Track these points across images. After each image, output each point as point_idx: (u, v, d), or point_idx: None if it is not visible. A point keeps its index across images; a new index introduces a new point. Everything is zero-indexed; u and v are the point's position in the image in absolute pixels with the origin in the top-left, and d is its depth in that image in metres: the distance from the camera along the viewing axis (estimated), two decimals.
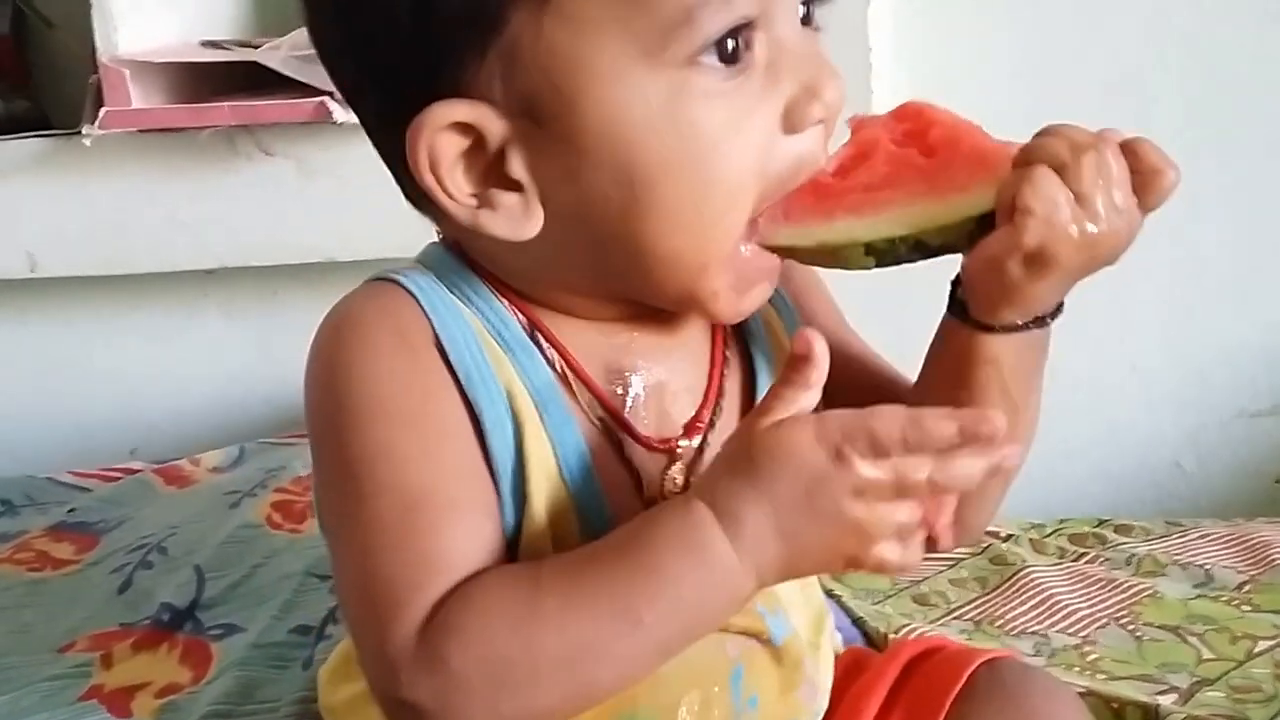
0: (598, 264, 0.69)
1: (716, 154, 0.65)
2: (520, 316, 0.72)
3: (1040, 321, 0.73)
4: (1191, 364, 1.50)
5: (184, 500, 1.32)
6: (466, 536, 0.66)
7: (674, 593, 0.63)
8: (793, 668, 0.77)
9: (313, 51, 1.19)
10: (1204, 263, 1.47)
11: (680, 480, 0.73)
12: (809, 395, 0.64)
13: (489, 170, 0.67)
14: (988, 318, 0.72)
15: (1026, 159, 0.68)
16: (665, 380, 0.74)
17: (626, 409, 0.73)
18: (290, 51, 1.34)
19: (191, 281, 1.57)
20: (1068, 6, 1.44)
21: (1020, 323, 0.72)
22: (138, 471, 1.42)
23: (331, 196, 1.42)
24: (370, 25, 0.66)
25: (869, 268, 0.71)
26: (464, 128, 0.65)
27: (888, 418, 0.62)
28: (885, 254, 0.70)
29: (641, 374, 0.73)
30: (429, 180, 0.66)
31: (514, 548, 0.69)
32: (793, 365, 0.64)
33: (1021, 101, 1.44)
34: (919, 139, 0.71)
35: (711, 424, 0.75)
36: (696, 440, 0.74)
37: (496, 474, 0.69)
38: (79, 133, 1.38)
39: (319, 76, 1.31)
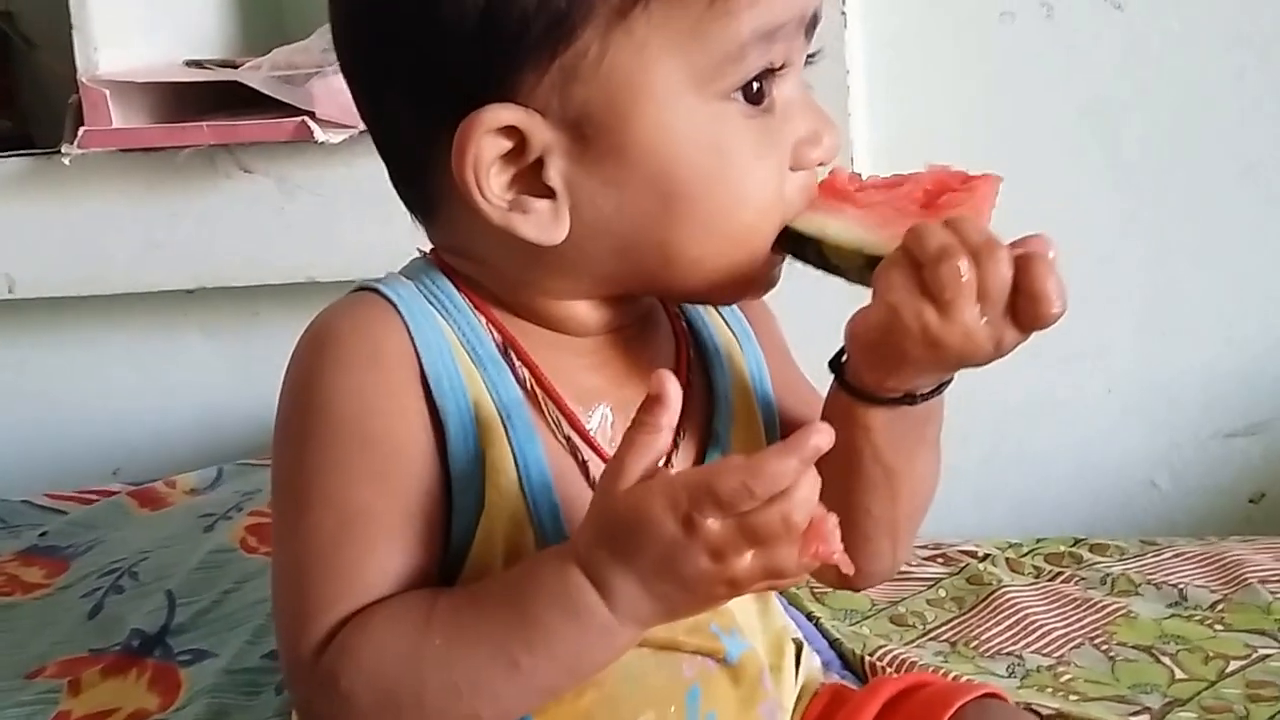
0: (616, 268, 0.72)
1: (745, 174, 0.70)
2: (495, 333, 0.74)
3: (911, 399, 0.73)
4: (1166, 385, 1.50)
5: (157, 523, 1.32)
6: (393, 561, 0.69)
7: (551, 644, 0.65)
8: (751, 686, 0.78)
9: (293, 71, 1.20)
10: (1178, 285, 1.48)
11: None
12: (661, 438, 0.65)
13: (524, 175, 0.69)
14: (858, 385, 0.73)
15: (905, 243, 0.69)
16: (633, 401, 0.74)
17: (594, 429, 0.75)
18: (271, 71, 1.35)
19: (172, 301, 1.57)
20: (1041, 34, 1.45)
21: (889, 397, 0.73)
22: (114, 494, 1.41)
23: (312, 216, 1.42)
24: (432, 23, 0.68)
25: (781, 254, 0.74)
26: (510, 132, 0.68)
27: (727, 473, 0.61)
28: (796, 247, 0.74)
29: (610, 396, 0.75)
30: (470, 178, 0.68)
31: (464, 557, 0.71)
32: (645, 407, 0.65)
33: (996, 128, 1.47)
34: (939, 194, 0.75)
35: (676, 445, 0.76)
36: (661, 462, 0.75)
37: (454, 483, 0.71)
38: (58, 152, 1.39)
39: (300, 96, 1.32)
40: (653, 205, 0.69)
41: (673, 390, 0.64)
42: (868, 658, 1.09)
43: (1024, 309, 0.68)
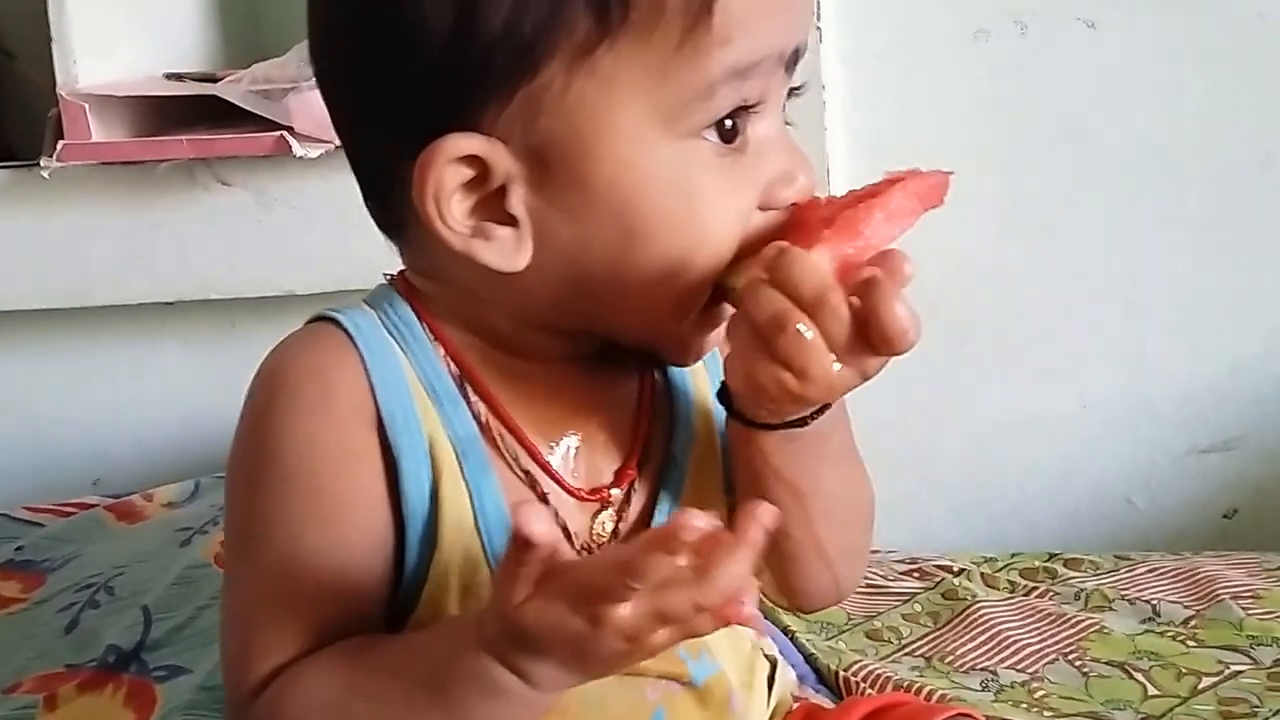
0: (572, 299, 0.71)
1: (709, 216, 0.69)
2: (453, 367, 0.73)
3: (799, 422, 0.71)
4: (1142, 401, 1.51)
5: (134, 537, 1.31)
6: (332, 610, 0.70)
7: (459, 706, 0.65)
8: (718, 708, 0.78)
9: (272, 86, 1.20)
10: (1154, 302, 1.49)
11: (610, 526, 0.75)
12: (535, 571, 0.63)
13: (486, 202, 0.69)
14: (743, 413, 0.72)
15: (743, 308, 0.68)
16: (596, 430, 0.75)
17: (557, 461, 0.74)
18: (251, 85, 1.35)
19: (150, 314, 1.57)
20: (1015, 51, 1.46)
21: (773, 422, 0.71)
22: (91, 507, 1.41)
23: (290, 230, 1.42)
24: (399, 51, 0.68)
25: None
26: (472, 160, 0.67)
27: (605, 571, 0.59)
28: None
29: (574, 424, 0.75)
30: (430, 207, 0.68)
31: (418, 594, 0.72)
32: (514, 544, 0.61)
33: (971, 144, 1.48)
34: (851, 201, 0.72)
35: (640, 471, 0.76)
36: (625, 488, 0.76)
37: (407, 520, 0.71)
38: (37, 164, 1.39)
39: (278, 111, 1.32)
40: (613, 239, 0.68)
41: (539, 529, 0.59)
42: (843, 673, 1.10)
43: (877, 343, 0.65)
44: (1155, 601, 1.24)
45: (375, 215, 0.75)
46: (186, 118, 1.46)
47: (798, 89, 0.75)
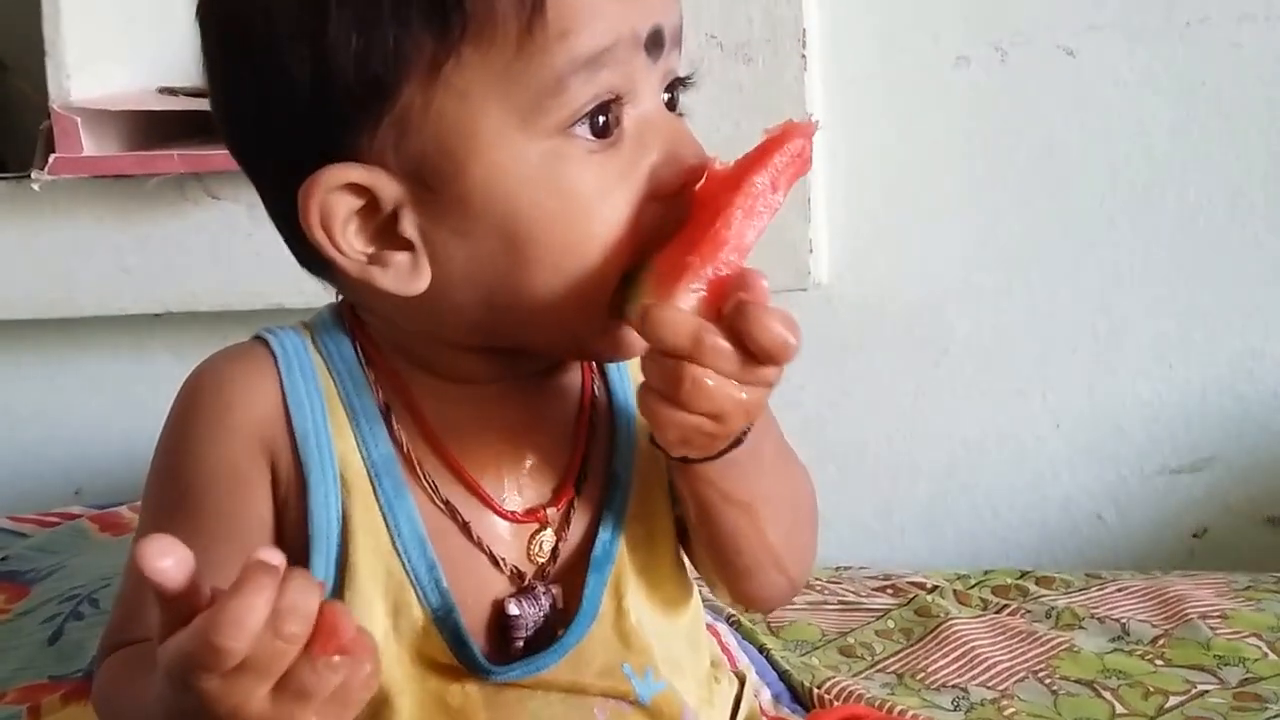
0: (485, 318, 0.72)
1: (589, 213, 0.69)
2: (378, 390, 0.75)
3: (733, 444, 0.72)
4: (1112, 421, 1.53)
5: (118, 548, 1.30)
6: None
7: None
8: None
9: None
10: (1126, 325, 1.51)
11: (549, 547, 0.77)
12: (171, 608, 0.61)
13: (382, 230, 0.70)
14: (665, 452, 0.73)
15: (645, 377, 0.69)
16: (532, 451, 0.77)
17: (489, 483, 0.76)
18: None
19: (140, 325, 1.58)
20: (995, 78, 1.48)
21: (709, 455, 0.72)
22: (75, 517, 1.41)
23: (280, 243, 1.42)
24: (269, 91, 0.69)
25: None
26: (358, 189, 0.69)
27: (193, 638, 0.58)
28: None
29: (509, 448, 0.77)
30: (320, 236, 0.69)
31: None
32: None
33: (951, 169, 1.50)
34: (721, 193, 0.71)
35: (579, 490, 0.78)
36: (563, 507, 0.77)
37: (313, 537, 0.73)
38: (29, 177, 1.40)
39: None
40: (500, 250, 0.69)
41: (160, 564, 0.58)
42: (816, 690, 1.11)
43: (764, 359, 0.67)
44: (1125, 620, 1.25)
45: (296, 255, 0.77)
46: (178, 131, 1.46)
47: (684, 80, 0.75)
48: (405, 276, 0.70)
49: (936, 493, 1.56)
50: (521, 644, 0.75)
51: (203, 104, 1.37)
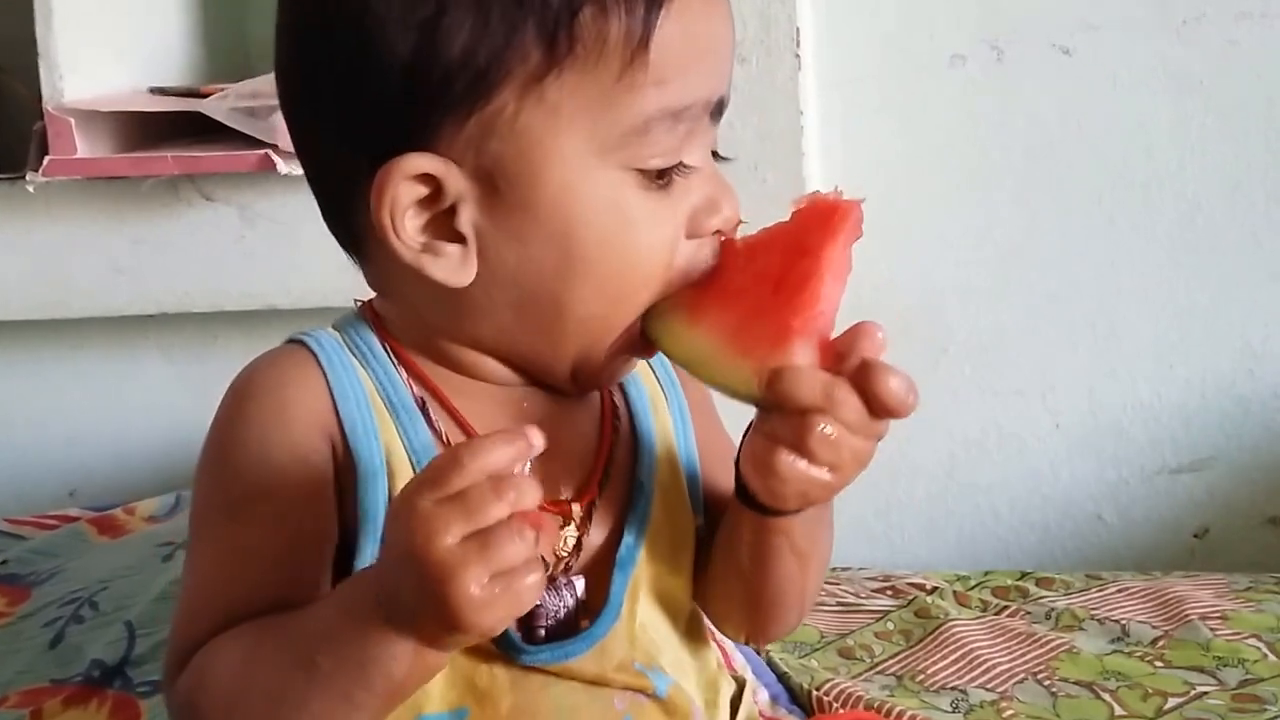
0: (513, 322, 0.75)
1: (640, 241, 0.74)
2: (414, 385, 0.78)
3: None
4: (1113, 421, 1.52)
5: (117, 551, 1.31)
6: (262, 595, 0.73)
7: (338, 644, 0.67)
8: (683, 718, 0.80)
9: (259, 102, 1.22)
10: (1125, 324, 1.50)
11: (573, 541, 0.79)
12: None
13: (437, 220, 0.73)
14: (769, 504, 0.76)
15: (771, 434, 0.72)
16: (555, 450, 0.76)
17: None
18: (236, 101, 1.36)
19: (132, 326, 1.58)
20: (991, 77, 1.48)
21: (798, 508, 0.76)
22: (73, 519, 1.41)
23: (273, 245, 1.43)
24: (362, 67, 0.72)
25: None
26: (427, 179, 0.72)
27: (447, 453, 0.65)
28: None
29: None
30: (385, 219, 0.72)
31: None
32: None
33: (946, 168, 1.49)
34: (785, 261, 0.75)
35: (601, 489, 0.80)
36: (586, 506, 0.79)
37: (363, 522, 0.75)
38: (22, 178, 1.39)
39: (262, 129, 1.33)
40: (553, 260, 0.73)
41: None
42: (815, 692, 1.11)
43: (883, 414, 0.71)
44: (1125, 621, 1.25)
45: (335, 232, 0.79)
46: (170, 132, 1.46)
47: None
48: (455, 268, 0.73)
49: (936, 493, 1.56)
50: (543, 632, 0.77)
51: (193, 104, 1.39)
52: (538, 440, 0.65)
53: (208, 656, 0.72)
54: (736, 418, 0.79)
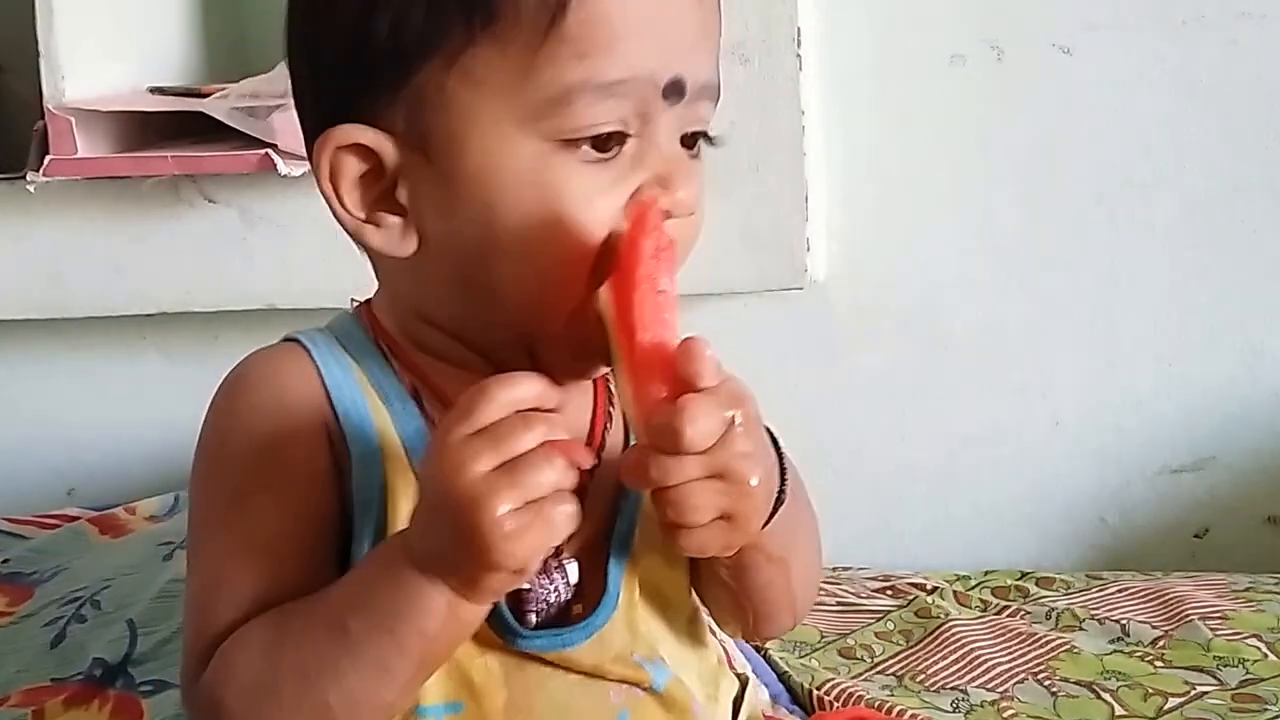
0: (457, 298, 0.76)
1: (565, 214, 0.72)
2: (405, 377, 0.78)
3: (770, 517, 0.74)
4: (1113, 420, 1.53)
5: (118, 551, 1.32)
6: (281, 587, 0.73)
7: (371, 604, 0.68)
8: (681, 713, 0.80)
9: (259, 102, 1.24)
10: (1126, 323, 1.51)
11: None
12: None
13: (383, 195, 0.74)
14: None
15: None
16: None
17: None
18: (237, 101, 1.36)
19: (132, 326, 1.58)
20: (991, 77, 1.48)
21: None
22: (74, 519, 1.41)
23: (272, 245, 1.44)
24: (318, 43, 0.75)
25: None
26: (366, 153, 0.73)
27: (476, 388, 0.66)
28: None
29: None
30: (326, 188, 0.74)
31: None
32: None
33: (947, 167, 1.50)
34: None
35: (592, 474, 0.77)
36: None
37: (357, 508, 0.75)
38: (23, 177, 1.40)
39: (262, 129, 1.33)
40: (477, 233, 0.73)
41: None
42: (816, 691, 1.11)
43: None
44: (1125, 621, 1.25)
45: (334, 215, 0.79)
46: (171, 131, 1.47)
47: (708, 137, 0.77)
48: (395, 240, 0.74)
49: (935, 493, 1.56)
50: (534, 617, 0.76)
51: (194, 103, 1.39)
52: (555, 396, 0.67)
53: (230, 647, 0.71)
54: None
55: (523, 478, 0.64)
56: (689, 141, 0.76)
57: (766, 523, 0.74)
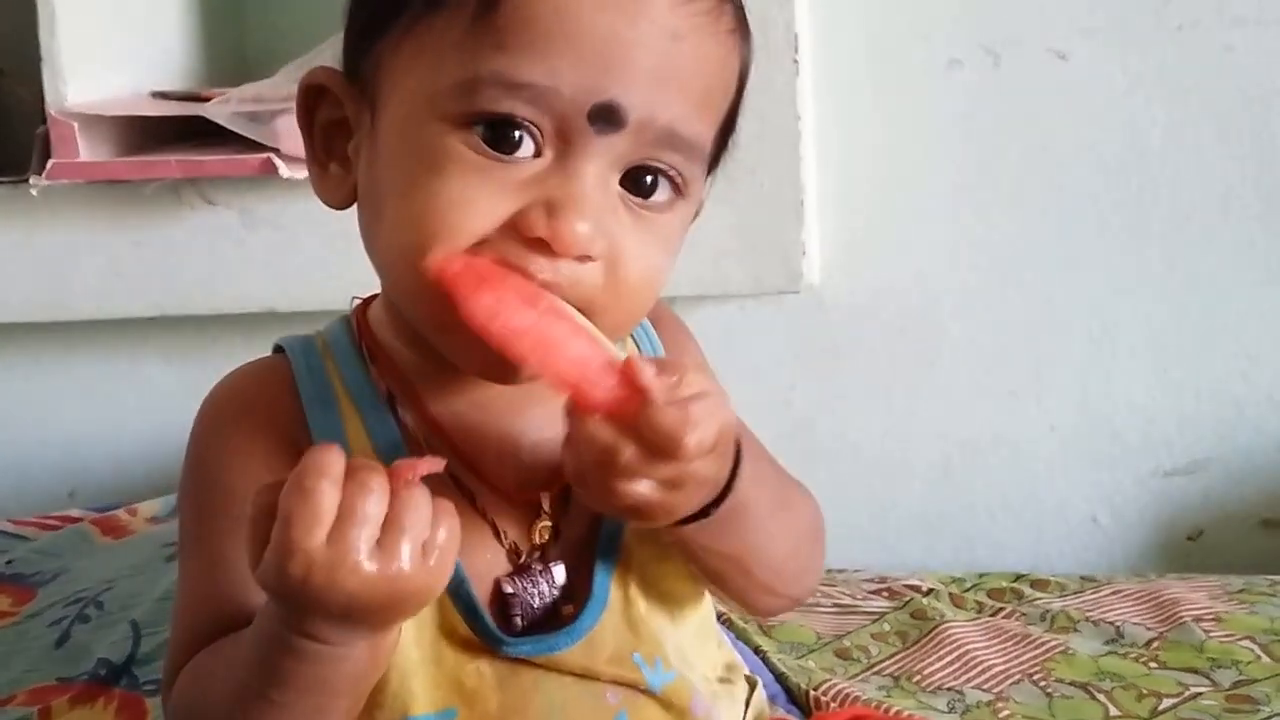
0: (377, 268, 0.76)
1: (440, 194, 0.69)
2: (381, 385, 0.78)
3: (703, 513, 0.73)
4: (1108, 424, 1.53)
5: (121, 552, 1.32)
6: (240, 604, 0.74)
7: (292, 680, 0.68)
8: (680, 714, 0.80)
9: (260, 107, 1.26)
10: (1120, 327, 1.51)
11: (549, 533, 0.78)
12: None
13: (340, 145, 0.77)
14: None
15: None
16: (524, 434, 0.78)
17: (489, 463, 0.78)
18: (238, 106, 1.36)
19: (133, 328, 1.59)
20: (988, 82, 1.49)
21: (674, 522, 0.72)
22: (76, 520, 1.42)
23: (273, 249, 1.44)
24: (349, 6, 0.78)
25: None
26: (337, 102, 0.76)
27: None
28: None
29: (504, 431, 0.78)
30: (300, 124, 0.78)
31: None
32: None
33: (944, 173, 1.50)
34: None
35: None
36: (558, 492, 0.79)
37: None
38: (25, 181, 1.40)
39: (264, 133, 1.34)
40: (371, 193, 0.74)
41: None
42: (812, 691, 1.11)
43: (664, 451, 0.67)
44: (1119, 623, 1.25)
45: None
46: (172, 135, 1.47)
47: (677, 188, 0.73)
48: (332, 187, 0.77)
49: (931, 495, 1.56)
50: (520, 621, 0.77)
51: (195, 108, 1.39)
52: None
53: (184, 678, 0.74)
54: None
55: (350, 526, 0.63)
56: (636, 184, 0.72)
57: (698, 517, 0.72)
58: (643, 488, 0.67)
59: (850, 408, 1.56)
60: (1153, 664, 1.18)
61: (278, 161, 1.34)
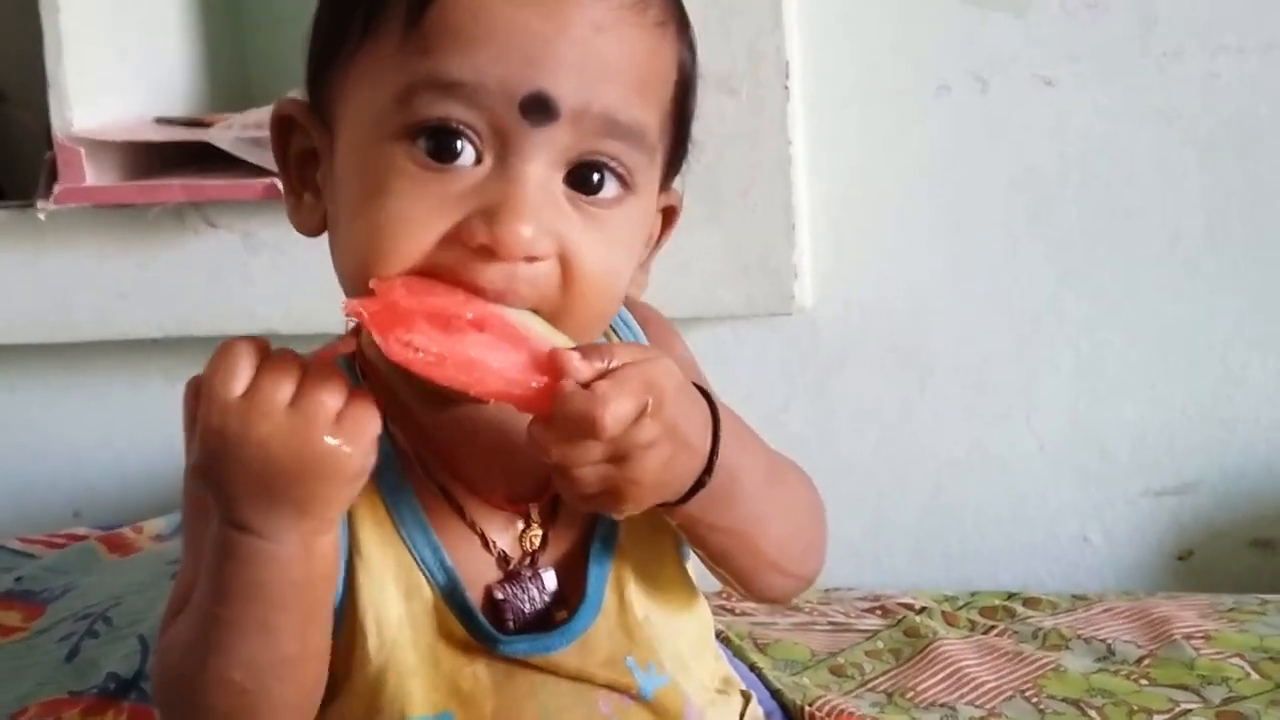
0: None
1: (387, 212, 0.70)
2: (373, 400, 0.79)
3: (698, 484, 0.73)
4: (1097, 443, 1.54)
5: (127, 569, 1.34)
6: None
7: (232, 586, 0.70)
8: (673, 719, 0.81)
9: (263, 132, 1.29)
10: (1107, 347, 1.52)
11: (538, 542, 0.80)
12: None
13: (311, 175, 0.78)
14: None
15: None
16: (509, 445, 0.78)
17: (478, 474, 0.79)
18: (241, 131, 1.38)
19: (137, 350, 1.60)
20: (976, 107, 1.50)
21: (667, 503, 0.73)
22: (83, 538, 1.43)
23: (275, 271, 1.46)
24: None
25: None
26: (305, 133, 0.78)
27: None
28: None
29: (492, 445, 0.79)
30: (275, 155, 0.80)
31: (348, 592, 0.76)
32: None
33: (932, 196, 1.51)
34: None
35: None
36: (547, 501, 0.80)
37: None
38: (32, 205, 1.42)
39: (268, 158, 1.35)
40: (332, 223, 0.76)
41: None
42: (807, 708, 1.12)
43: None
44: (1110, 641, 1.26)
45: None
46: (176, 160, 1.49)
47: (623, 181, 0.73)
48: (305, 215, 0.78)
49: (922, 514, 1.57)
50: (512, 624, 0.78)
51: (199, 133, 1.41)
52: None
53: (161, 641, 0.76)
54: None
55: (260, 393, 0.67)
56: (583, 181, 0.73)
57: (690, 496, 0.73)
58: (590, 473, 0.68)
59: (842, 428, 1.57)
60: (1144, 681, 1.19)
61: (280, 185, 1.35)
